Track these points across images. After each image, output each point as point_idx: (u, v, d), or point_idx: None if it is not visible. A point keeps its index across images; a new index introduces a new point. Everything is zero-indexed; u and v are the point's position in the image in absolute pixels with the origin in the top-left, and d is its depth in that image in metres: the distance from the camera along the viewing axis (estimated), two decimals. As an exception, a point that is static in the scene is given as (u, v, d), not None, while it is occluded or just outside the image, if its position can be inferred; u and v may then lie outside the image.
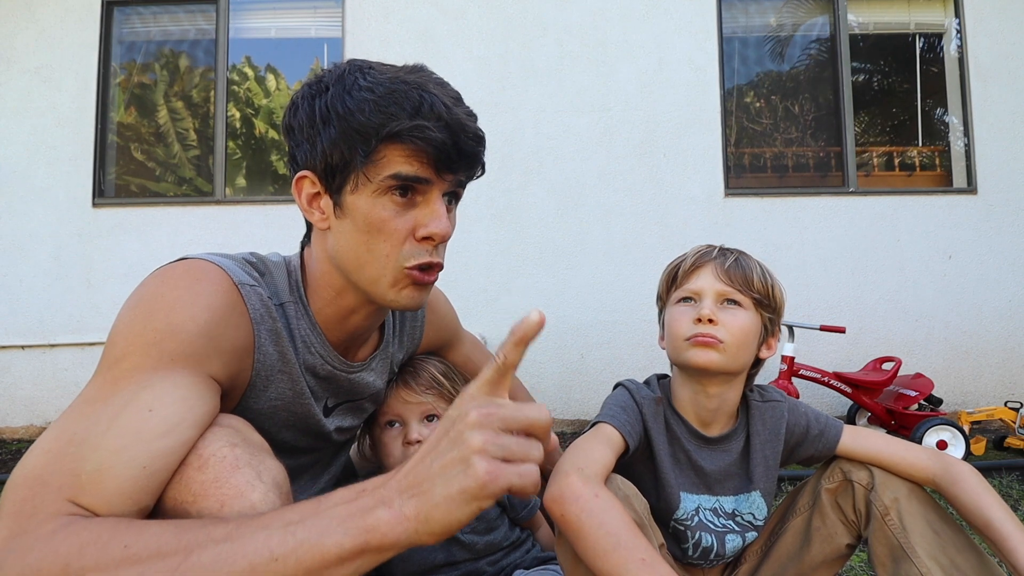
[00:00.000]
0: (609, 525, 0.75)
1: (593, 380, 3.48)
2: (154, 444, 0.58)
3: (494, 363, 0.54)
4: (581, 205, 3.55)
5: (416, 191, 0.75)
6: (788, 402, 1.06)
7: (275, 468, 0.63)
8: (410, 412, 1.03)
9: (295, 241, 0.91)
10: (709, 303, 0.96)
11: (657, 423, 1.00)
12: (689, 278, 1.00)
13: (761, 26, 3.87)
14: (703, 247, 1.03)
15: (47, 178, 3.53)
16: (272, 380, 0.80)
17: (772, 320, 1.01)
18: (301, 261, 0.87)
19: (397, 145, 0.72)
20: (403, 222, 0.75)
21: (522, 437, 0.52)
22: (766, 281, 0.99)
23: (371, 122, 0.71)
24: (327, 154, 0.74)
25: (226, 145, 3.68)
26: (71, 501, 0.55)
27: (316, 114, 0.75)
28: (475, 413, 0.51)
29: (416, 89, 0.72)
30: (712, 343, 0.93)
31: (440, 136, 0.72)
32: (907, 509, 0.92)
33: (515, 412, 0.52)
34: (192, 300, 0.69)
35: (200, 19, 3.78)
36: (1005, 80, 3.62)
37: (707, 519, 1.00)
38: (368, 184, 0.74)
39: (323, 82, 0.77)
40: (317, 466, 0.98)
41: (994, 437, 2.81)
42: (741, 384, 1.02)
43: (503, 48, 3.61)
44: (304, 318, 0.84)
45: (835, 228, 3.56)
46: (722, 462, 1.02)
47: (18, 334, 3.45)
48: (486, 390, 0.54)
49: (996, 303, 3.52)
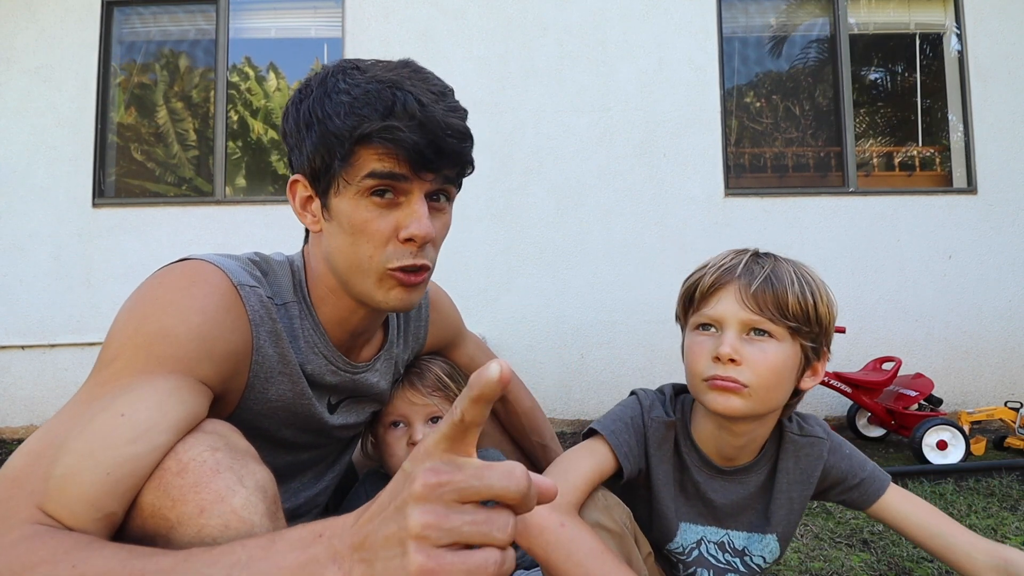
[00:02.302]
0: (576, 555, 0.71)
1: (593, 380, 3.47)
2: (121, 450, 0.57)
3: (450, 419, 0.44)
4: (581, 205, 3.55)
5: (396, 191, 0.74)
6: (832, 440, 0.92)
7: (260, 472, 0.61)
8: (415, 413, 1.03)
9: (295, 241, 0.91)
10: (731, 337, 0.80)
11: (663, 450, 0.89)
12: (708, 301, 0.84)
13: (761, 26, 3.87)
14: (728, 258, 0.86)
15: (47, 178, 3.53)
16: (272, 381, 0.80)
17: (816, 346, 0.84)
18: (304, 261, 0.87)
19: (370, 147, 0.72)
20: (384, 223, 0.75)
21: (483, 513, 0.42)
22: (805, 300, 0.81)
23: (345, 125, 0.71)
24: (311, 158, 0.75)
25: (226, 145, 3.68)
26: (39, 508, 0.55)
27: (301, 119, 0.76)
28: (421, 480, 0.42)
29: (390, 88, 0.71)
30: (735, 388, 0.78)
31: (412, 136, 0.70)
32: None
33: (475, 481, 0.42)
34: (186, 303, 0.69)
35: (200, 19, 3.78)
36: (1005, 80, 3.62)
37: (709, 552, 0.90)
38: (348, 187, 0.74)
39: (309, 86, 0.77)
40: (321, 464, 0.98)
41: (994, 437, 2.81)
42: (775, 419, 0.88)
43: (503, 48, 3.61)
44: (308, 318, 0.84)
45: (835, 228, 3.56)
46: (736, 495, 0.90)
47: (18, 334, 3.45)
48: (444, 446, 0.44)
49: (996, 303, 3.52)
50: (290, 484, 0.93)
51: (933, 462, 2.51)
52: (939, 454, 2.54)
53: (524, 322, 3.50)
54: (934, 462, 2.51)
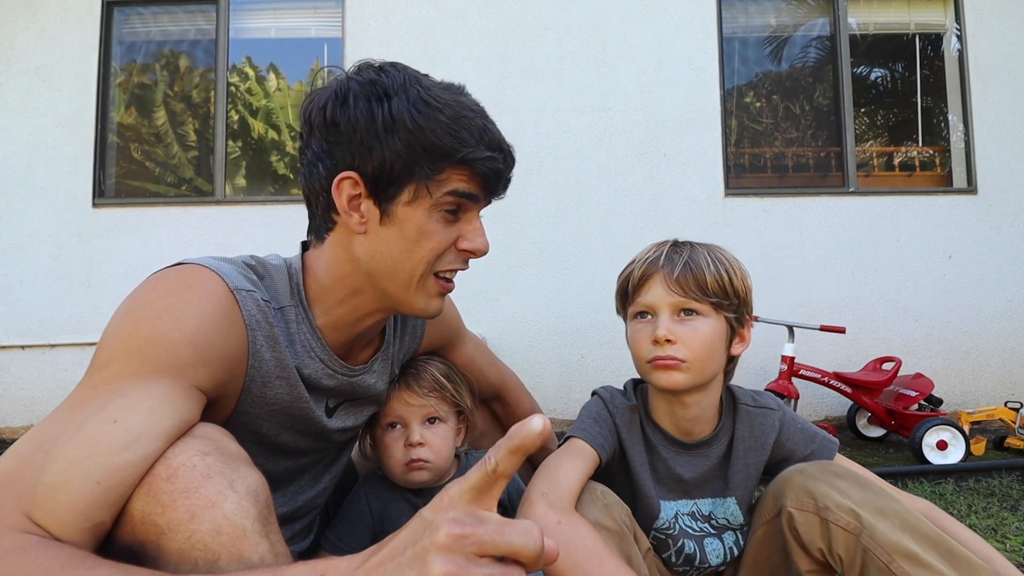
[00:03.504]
0: (575, 555, 0.73)
1: (593, 380, 3.47)
2: (112, 458, 0.56)
3: (483, 469, 0.45)
4: (581, 205, 3.55)
5: (463, 208, 0.80)
6: (783, 413, 1.00)
7: (251, 476, 0.60)
8: (412, 414, 1.03)
9: (295, 241, 0.90)
10: (665, 320, 0.90)
11: (632, 433, 0.97)
12: (640, 291, 0.94)
13: (761, 26, 3.87)
14: (651, 252, 0.96)
15: (47, 178, 3.53)
16: (269, 385, 0.80)
17: (739, 316, 0.94)
18: (303, 263, 0.86)
19: (461, 167, 0.76)
20: (448, 235, 0.80)
21: (499, 568, 0.43)
22: (722, 278, 0.91)
23: (443, 143, 0.74)
24: (386, 162, 0.74)
25: (226, 145, 3.68)
26: (26, 515, 0.54)
27: (378, 119, 0.73)
28: (445, 530, 0.43)
29: (480, 118, 0.78)
30: (674, 365, 0.88)
31: (499, 167, 0.79)
32: (912, 549, 0.76)
33: (496, 536, 0.43)
34: (181, 308, 0.68)
35: (200, 19, 3.78)
36: (1005, 80, 3.62)
37: (686, 524, 0.97)
38: (428, 198, 0.76)
39: (381, 85, 0.75)
40: (319, 466, 0.98)
41: (994, 437, 2.80)
42: (719, 387, 0.98)
43: (503, 48, 3.61)
44: (304, 322, 0.83)
45: (835, 228, 3.56)
46: (702, 467, 0.98)
47: (18, 334, 3.45)
48: (468, 497, 0.46)
49: (996, 303, 3.52)
50: (288, 488, 0.92)
51: (933, 462, 2.51)
52: (939, 454, 2.54)
53: (524, 322, 3.51)
54: (934, 462, 2.51)
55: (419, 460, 1.02)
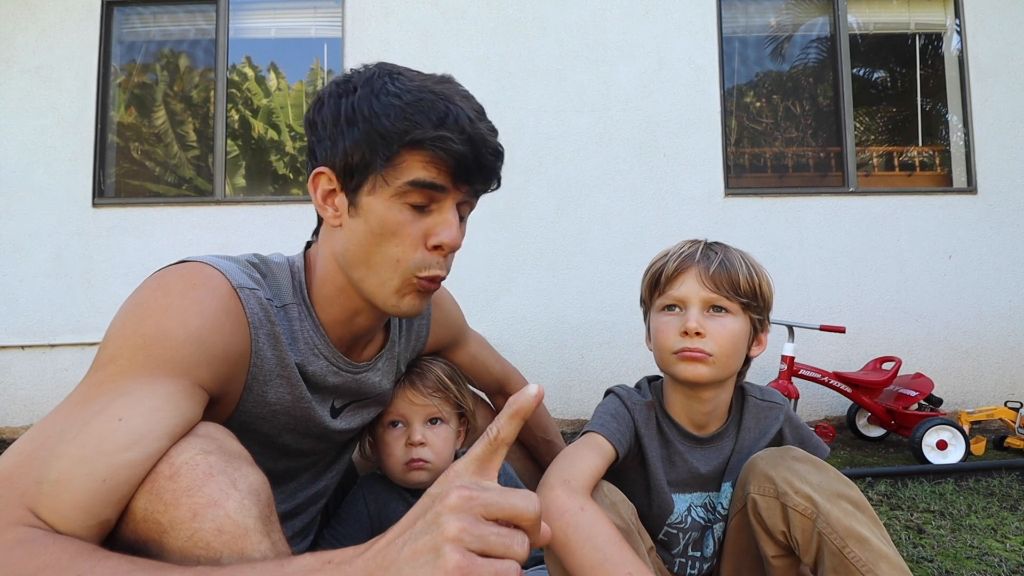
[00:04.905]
0: (596, 540, 0.74)
1: (593, 380, 3.47)
2: (116, 457, 0.57)
3: (486, 438, 0.50)
4: (581, 205, 3.55)
5: (432, 199, 0.76)
6: (787, 410, 1.03)
7: (253, 475, 0.61)
8: (415, 414, 1.03)
9: (295, 241, 0.91)
10: (695, 313, 0.92)
11: (649, 429, 0.98)
12: (672, 284, 0.95)
13: (761, 26, 3.87)
14: (686, 247, 0.99)
15: (47, 178, 3.53)
16: (270, 384, 0.80)
17: (761, 319, 0.97)
18: (306, 261, 0.87)
19: (418, 152, 0.73)
20: (415, 228, 0.76)
21: (505, 528, 0.47)
22: (753, 281, 0.94)
23: (395, 128, 0.72)
24: (348, 153, 0.75)
25: (226, 145, 3.68)
26: (30, 510, 0.54)
27: (341, 113, 0.76)
28: (456, 495, 0.47)
29: (442, 100, 0.74)
30: (701, 357, 0.90)
31: (461, 148, 0.73)
32: (863, 534, 0.79)
33: (500, 498, 0.47)
34: (185, 306, 0.69)
35: (200, 19, 3.78)
36: (1005, 80, 3.62)
37: (698, 516, 0.99)
38: (386, 187, 0.75)
39: (351, 82, 0.77)
40: (319, 464, 0.98)
41: (994, 437, 2.80)
42: (732, 385, 1.00)
43: (503, 48, 3.61)
44: (308, 319, 0.83)
45: (835, 228, 3.56)
46: (717, 460, 1.00)
47: (18, 334, 3.45)
48: (473, 467, 0.51)
49: (996, 303, 3.52)
50: (288, 485, 0.93)
51: (933, 462, 2.51)
52: (939, 454, 2.54)
53: (524, 322, 3.50)
54: (934, 462, 2.51)
55: (419, 460, 1.02)
